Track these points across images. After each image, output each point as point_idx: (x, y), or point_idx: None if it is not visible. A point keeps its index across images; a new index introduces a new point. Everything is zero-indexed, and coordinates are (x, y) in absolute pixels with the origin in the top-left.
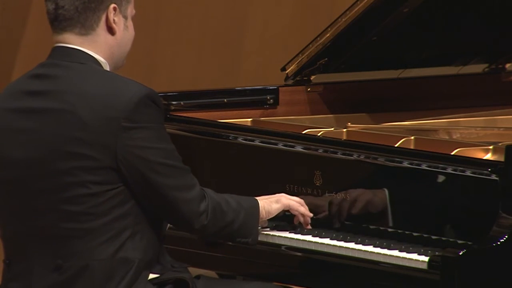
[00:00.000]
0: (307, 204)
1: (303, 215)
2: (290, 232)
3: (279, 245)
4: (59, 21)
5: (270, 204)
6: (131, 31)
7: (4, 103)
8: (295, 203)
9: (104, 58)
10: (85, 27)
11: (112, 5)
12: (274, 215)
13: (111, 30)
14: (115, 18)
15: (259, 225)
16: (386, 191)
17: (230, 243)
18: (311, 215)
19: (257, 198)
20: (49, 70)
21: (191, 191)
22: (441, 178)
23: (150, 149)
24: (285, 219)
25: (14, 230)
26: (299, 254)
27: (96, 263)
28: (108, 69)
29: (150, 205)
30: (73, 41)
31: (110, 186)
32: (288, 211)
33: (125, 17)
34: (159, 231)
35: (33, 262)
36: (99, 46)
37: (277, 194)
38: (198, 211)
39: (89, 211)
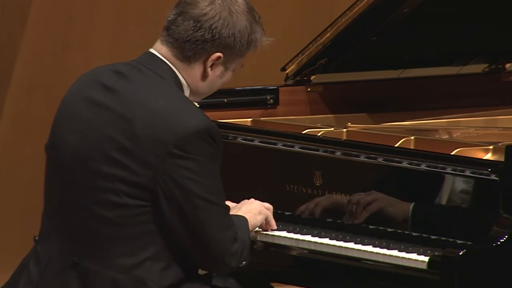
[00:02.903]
0: (306, 204)
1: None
2: (289, 232)
3: (279, 245)
4: (168, 33)
5: (255, 217)
6: (225, 79)
7: (79, 86)
8: (270, 213)
9: (189, 86)
10: (183, 56)
11: (218, 54)
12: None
13: (204, 74)
14: (215, 65)
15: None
16: (386, 191)
17: None
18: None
19: (241, 212)
20: (130, 71)
21: (227, 232)
22: (441, 178)
23: (193, 181)
24: (284, 219)
25: (49, 212)
26: (298, 254)
27: (110, 274)
28: (187, 93)
29: (180, 237)
30: (168, 57)
31: (142, 202)
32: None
33: (226, 68)
34: (188, 263)
35: (55, 250)
36: (189, 75)
37: (254, 203)
38: (230, 251)
39: (116, 220)
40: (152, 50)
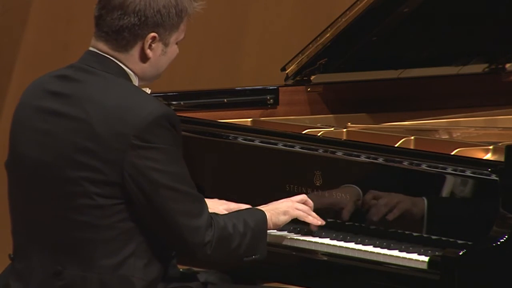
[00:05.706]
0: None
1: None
2: (290, 232)
3: (279, 245)
4: (98, 28)
5: (278, 216)
6: (170, 55)
7: (27, 98)
8: (302, 213)
9: (135, 73)
10: (119, 46)
11: (152, 34)
12: (280, 227)
13: (144, 56)
14: (153, 45)
15: None
16: (386, 191)
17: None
18: (321, 222)
19: (264, 208)
20: (75, 73)
21: (197, 219)
22: (441, 178)
23: (158, 172)
24: None
25: (21, 228)
26: (299, 254)
27: (95, 276)
28: (137, 83)
29: (154, 228)
30: (107, 51)
31: (116, 201)
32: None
33: (166, 44)
34: (166, 251)
35: (35, 264)
36: (132, 62)
37: (284, 203)
38: (202, 241)
39: (93, 222)
40: (91, 48)
